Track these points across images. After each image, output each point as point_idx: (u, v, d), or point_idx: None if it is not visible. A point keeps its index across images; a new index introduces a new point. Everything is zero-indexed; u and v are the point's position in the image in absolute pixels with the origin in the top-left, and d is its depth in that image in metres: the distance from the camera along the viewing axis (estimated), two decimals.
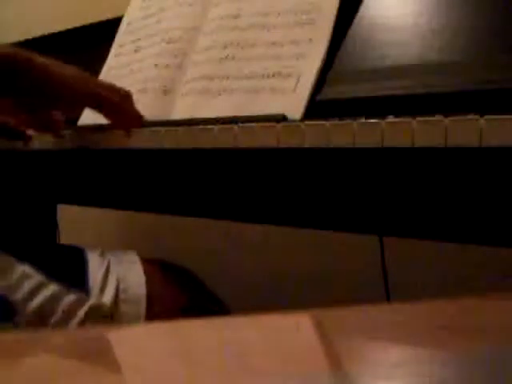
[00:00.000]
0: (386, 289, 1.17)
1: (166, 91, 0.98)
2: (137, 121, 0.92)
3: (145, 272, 0.90)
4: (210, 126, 0.80)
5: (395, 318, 0.42)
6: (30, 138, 1.04)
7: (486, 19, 0.73)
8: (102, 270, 0.87)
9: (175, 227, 1.73)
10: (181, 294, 0.92)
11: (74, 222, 1.73)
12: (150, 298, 0.87)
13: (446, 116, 0.61)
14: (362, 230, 0.74)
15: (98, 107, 0.91)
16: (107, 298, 0.85)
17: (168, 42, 1.03)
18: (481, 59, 0.69)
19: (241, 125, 0.77)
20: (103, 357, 0.36)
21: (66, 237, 1.54)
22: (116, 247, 1.99)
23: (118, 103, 0.90)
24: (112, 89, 0.92)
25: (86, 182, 1.02)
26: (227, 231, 1.59)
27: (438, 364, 0.33)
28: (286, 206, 0.77)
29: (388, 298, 1.18)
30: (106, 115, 0.91)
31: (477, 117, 0.59)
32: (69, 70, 0.90)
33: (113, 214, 1.88)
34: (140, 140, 0.89)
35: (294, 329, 0.42)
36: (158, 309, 0.87)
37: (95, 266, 0.88)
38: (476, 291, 0.44)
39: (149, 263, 0.92)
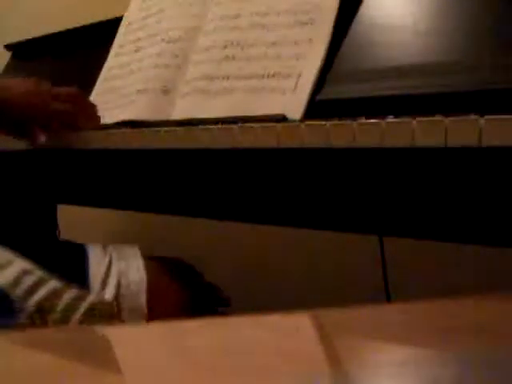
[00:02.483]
0: (386, 289, 1.17)
1: (166, 91, 0.98)
2: (94, 119, 0.98)
3: (145, 267, 0.90)
4: (209, 126, 0.80)
5: (395, 317, 0.42)
6: None
7: (487, 19, 0.72)
8: (104, 265, 0.88)
9: (175, 227, 1.73)
10: (181, 288, 0.93)
11: (74, 221, 1.73)
12: (151, 293, 0.87)
13: (446, 116, 0.61)
14: (362, 229, 0.74)
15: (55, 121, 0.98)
16: (108, 294, 0.85)
17: (168, 42, 1.03)
18: (481, 59, 0.69)
19: (241, 125, 0.77)
20: (103, 357, 0.36)
21: (66, 237, 1.54)
22: None
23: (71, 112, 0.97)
24: (63, 97, 0.98)
25: (87, 182, 1.02)
26: (227, 231, 1.59)
27: (438, 364, 0.33)
28: (286, 206, 0.77)
29: (388, 298, 1.18)
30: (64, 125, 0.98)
31: (477, 117, 0.59)
32: (17, 95, 0.95)
33: (113, 214, 1.87)
34: (140, 140, 0.89)
35: (294, 329, 0.42)
36: (158, 304, 0.87)
37: (96, 262, 0.88)
38: (476, 291, 0.44)
39: (150, 258, 0.92)
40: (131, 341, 0.40)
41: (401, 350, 0.36)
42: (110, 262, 0.89)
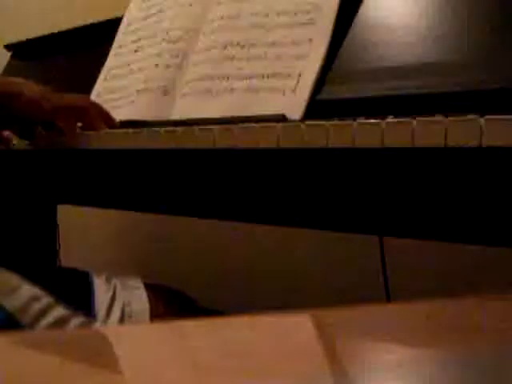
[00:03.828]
0: (386, 289, 1.17)
1: (166, 91, 0.98)
2: (109, 121, 0.98)
3: (148, 298, 0.90)
4: (209, 126, 0.80)
5: (395, 318, 0.42)
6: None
7: (486, 19, 0.72)
8: (109, 294, 0.88)
9: (174, 227, 1.73)
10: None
11: (74, 222, 1.73)
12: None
13: (446, 116, 0.61)
14: (362, 230, 0.74)
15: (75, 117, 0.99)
16: (113, 322, 0.85)
17: (168, 42, 1.03)
18: (481, 59, 0.69)
19: (241, 125, 0.77)
20: (103, 357, 0.36)
21: (66, 237, 1.54)
22: (116, 247, 1.99)
23: (86, 107, 0.99)
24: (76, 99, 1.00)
25: (86, 183, 1.02)
26: (227, 231, 1.59)
27: (438, 364, 0.33)
28: (286, 207, 0.77)
29: (388, 298, 1.18)
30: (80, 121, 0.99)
31: (477, 117, 0.59)
32: (28, 92, 0.96)
33: (113, 215, 1.87)
34: (140, 140, 0.89)
35: (294, 329, 0.42)
36: None
37: (101, 290, 0.89)
38: (476, 291, 0.44)
39: (152, 290, 0.93)
40: (131, 341, 0.40)
41: (401, 350, 0.36)
42: (115, 292, 0.89)
